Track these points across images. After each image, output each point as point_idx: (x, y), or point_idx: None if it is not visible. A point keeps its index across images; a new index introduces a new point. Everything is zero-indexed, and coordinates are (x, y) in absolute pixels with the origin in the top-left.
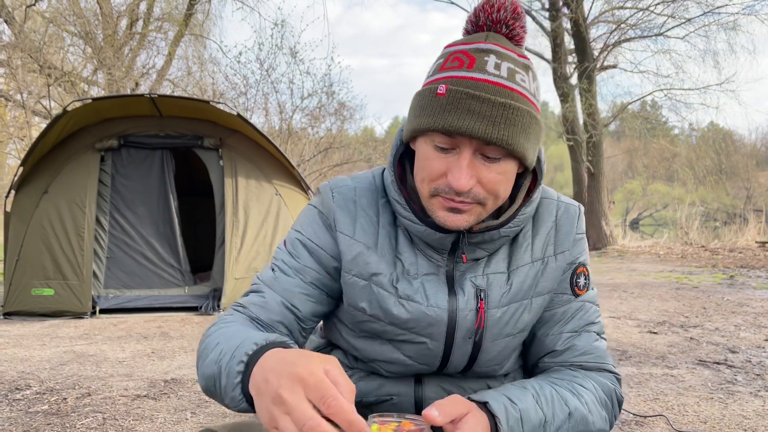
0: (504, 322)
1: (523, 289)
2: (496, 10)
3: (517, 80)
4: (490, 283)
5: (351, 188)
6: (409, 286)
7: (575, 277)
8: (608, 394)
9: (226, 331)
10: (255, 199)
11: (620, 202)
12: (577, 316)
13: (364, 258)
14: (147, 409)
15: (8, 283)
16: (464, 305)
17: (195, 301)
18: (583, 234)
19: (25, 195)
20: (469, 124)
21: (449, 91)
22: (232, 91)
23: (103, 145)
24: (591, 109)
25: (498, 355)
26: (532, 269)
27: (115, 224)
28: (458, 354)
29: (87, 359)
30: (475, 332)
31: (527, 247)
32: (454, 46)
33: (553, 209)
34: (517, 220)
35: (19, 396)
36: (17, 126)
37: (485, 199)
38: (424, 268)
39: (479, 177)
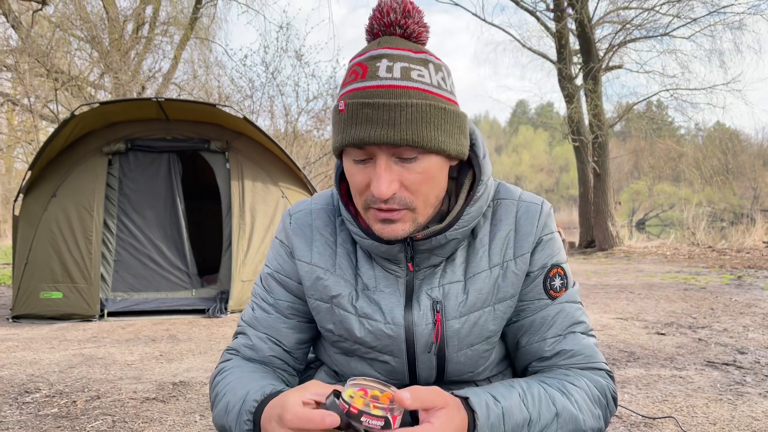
0: (466, 332)
1: (482, 297)
2: (386, 14)
3: (412, 77)
4: (446, 293)
5: (307, 212)
6: (367, 304)
7: (548, 281)
8: (601, 391)
9: (230, 381)
10: (261, 202)
11: (626, 202)
12: (558, 320)
13: (322, 282)
14: (156, 412)
15: (17, 287)
16: (420, 319)
17: (202, 303)
18: (552, 233)
19: (33, 199)
20: (369, 132)
21: (347, 105)
22: (238, 94)
23: (111, 148)
24: (596, 109)
25: (467, 364)
26: (490, 276)
27: (123, 227)
28: (423, 368)
29: (96, 362)
30: (434, 345)
31: (484, 253)
32: (354, 58)
33: (513, 210)
34: (463, 221)
35: (28, 399)
36: (24, 130)
37: (412, 201)
38: (382, 281)
39: (401, 180)
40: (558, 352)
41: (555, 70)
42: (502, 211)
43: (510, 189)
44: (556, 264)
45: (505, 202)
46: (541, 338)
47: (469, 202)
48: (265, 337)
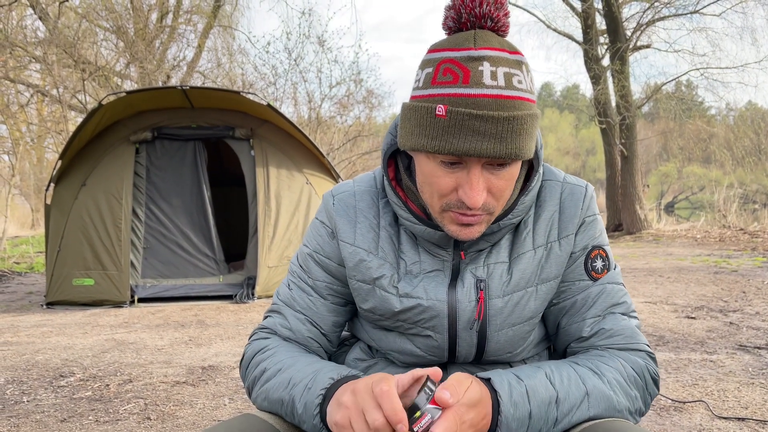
0: (508, 312)
1: (526, 277)
2: (479, 4)
3: (514, 84)
4: (490, 273)
5: (350, 193)
6: (409, 285)
7: (590, 262)
8: (639, 372)
9: (283, 359)
10: (286, 188)
11: (655, 185)
12: (599, 300)
13: (365, 264)
14: (186, 395)
15: (50, 274)
16: (463, 297)
17: (230, 289)
18: (595, 215)
19: (64, 188)
20: (476, 145)
21: (449, 112)
22: (261, 82)
23: (138, 137)
24: (624, 90)
25: (507, 344)
26: (534, 256)
27: (151, 215)
28: (464, 345)
29: (127, 347)
30: (476, 323)
31: (528, 234)
32: (441, 51)
33: (557, 192)
34: (517, 211)
35: (63, 383)
36: (54, 120)
37: (495, 207)
38: (427, 266)
39: (489, 187)
40: (596, 332)
41: (581, 51)
42: (547, 192)
43: (554, 171)
44: (598, 246)
45: (550, 184)
46: (581, 318)
47: (524, 191)
48: (303, 318)
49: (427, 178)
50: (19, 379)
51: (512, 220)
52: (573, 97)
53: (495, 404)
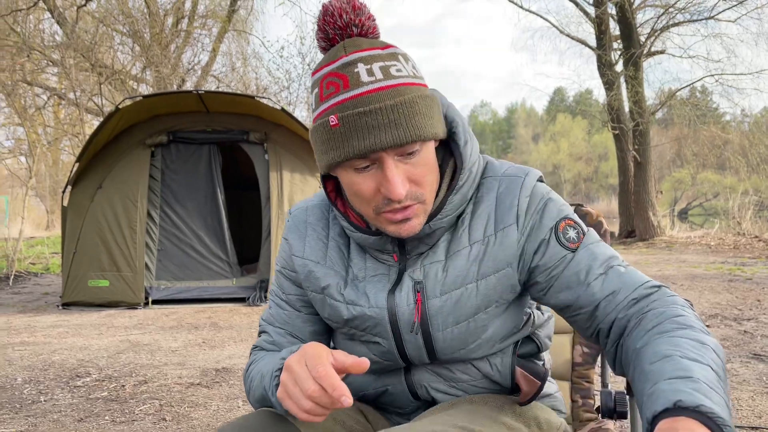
0: (448, 310)
1: (462, 274)
2: (339, 17)
3: (393, 74)
4: (426, 273)
5: (303, 209)
6: (353, 291)
7: (561, 236)
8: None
9: (259, 364)
10: (299, 192)
11: (668, 191)
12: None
13: (314, 274)
14: (201, 397)
15: (66, 275)
16: (402, 301)
17: (243, 292)
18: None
19: (80, 190)
20: (373, 140)
21: (341, 119)
22: (275, 86)
23: (153, 141)
24: (637, 96)
25: (456, 342)
26: (471, 252)
27: (166, 218)
28: (411, 348)
29: (142, 348)
30: (415, 325)
31: (464, 231)
32: (320, 70)
33: (495, 186)
34: (447, 210)
35: (79, 383)
36: (71, 123)
37: (422, 194)
38: (372, 271)
39: (409, 176)
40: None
41: (594, 56)
42: (485, 188)
43: (495, 166)
44: (562, 218)
45: (488, 180)
46: (585, 288)
47: (452, 190)
48: (283, 332)
49: (350, 189)
50: (36, 379)
51: (443, 220)
52: (586, 103)
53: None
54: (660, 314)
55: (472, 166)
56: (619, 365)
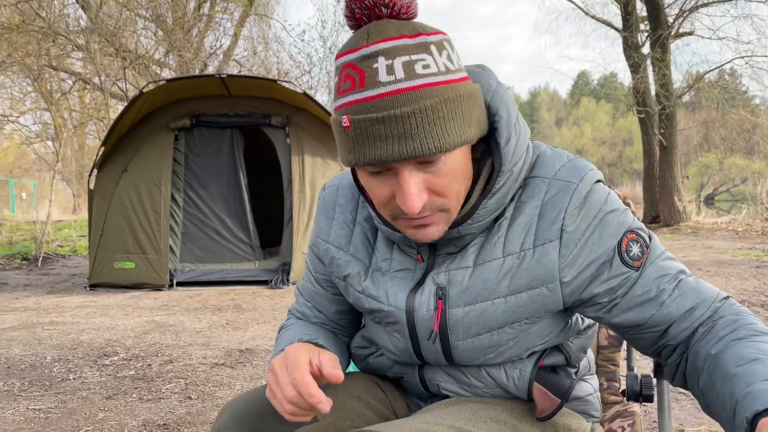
0: (470, 322)
1: (490, 287)
2: None
3: (417, 72)
4: (451, 279)
5: (335, 188)
6: (373, 285)
7: (625, 255)
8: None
9: (284, 334)
10: (321, 176)
11: (694, 176)
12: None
13: (337, 261)
14: (225, 377)
15: (93, 257)
16: (420, 305)
17: (265, 275)
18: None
19: (106, 173)
20: (385, 151)
21: (353, 122)
22: (296, 70)
23: (177, 124)
24: (664, 79)
25: (476, 352)
26: (503, 265)
27: (189, 201)
28: (428, 353)
29: (167, 329)
30: (433, 333)
31: (500, 239)
32: (342, 56)
33: (541, 191)
34: (479, 216)
35: (107, 362)
36: (96, 108)
37: (444, 204)
38: (397, 264)
39: (429, 187)
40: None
41: (620, 38)
42: (530, 191)
43: (546, 163)
44: (624, 234)
45: (535, 182)
46: (659, 303)
47: (487, 194)
48: (309, 306)
49: (369, 191)
50: (66, 358)
51: (474, 225)
52: (610, 86)
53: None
54: (733, 321)
55: (514, 166)
56: (681, 375)
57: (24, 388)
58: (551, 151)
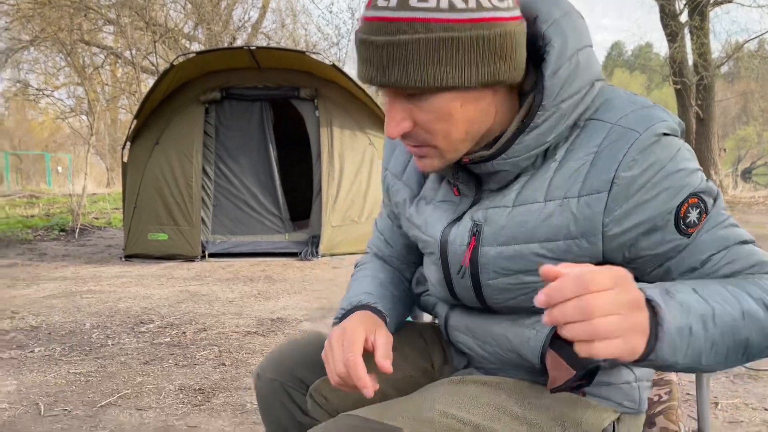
0: (503, 263)
1: (526, 231)
2: None
3: (410, 4)
4: (488, 217)
5: None
6: (416, 212)
7: (681, 221)
8: None
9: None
10: (350, 149)
11: (731, 150)
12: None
13: (392, 188)
14: (257, 344)
15: (127, 229)
16: (454, 238)
17: (295, 247)
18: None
19: (139, 146)
20: (367, 72)
21: (355, 37)
22: (325, 42)
23: (207, 97)
24: (702, 48)
25: (506, 292)
26: (542, 210)
27: (220, 173)
28: (460, 288)
29: (200, 298)
30: (463, 269)
31: (544, 182)
32: None
33: (600, 136)
34: (514, 151)
35: (143, 329)
36: (127, 82)
37: (430, 140)
38: (442, 196)
39: (414, 118)
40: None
41: (657, 6)
42: (587, 135)
43: (614, 107)
44: (686, 198)
45: (595, 125)
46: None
47: (525, 129)
48: (382, 238)
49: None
50: (104, 325)
51: (509, 161)
52: (645, 57)
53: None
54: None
55: (562, 102)
56: None
57: (65, 353)
58: (626, 96)
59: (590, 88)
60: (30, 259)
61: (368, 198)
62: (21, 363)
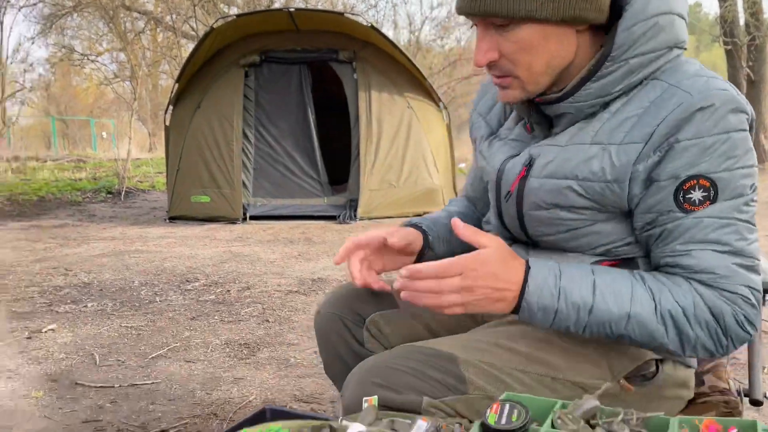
0: (543, 195)
1: (568, 168)
2: None
3: None
4: (541, 153)
5: None
6: (488, 148)
7: (682, 193)
8: (717, 315)
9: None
10: (388, 113)
11: None
12: (688, 234)
13: (476, 124)
14: (299, 303)
15: (171, 191)
16: (510, 169)
17: (333, 210)
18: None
19: (181, 110)
20: (460, 2)
21: None
22: (362, 4)
23: (246, 61)
24: (755, 7)
25: (543, 225)
26: (585, 151)
27: (260, 137)
28: (507, 218)
29: (243, 259)
30: (509, 195)
31: (599, 126)
32: None
33: (655, 93)
34: (580, 96)
35: (189, 287)
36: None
37: (513, 70)
38: (515, 135)
39: (500, 48)
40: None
41: None
42: (645, 92)
43: (679, 72)
44: (698, 175)
45: (655, 84)
46: (662, 251)
47: (592, 77)
48: (470, 181)
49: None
50: (151, 282)
51: (574, 104)
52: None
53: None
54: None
55: (632, 58)
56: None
57: (116, 308)
58: (699, 67)
59: (667, 52)
60: (80, 219)
61: (406, 162)
62: (76, 317)
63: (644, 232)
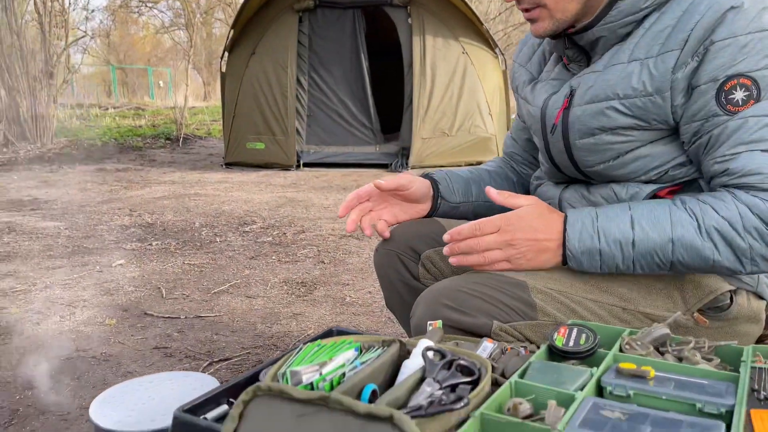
0: (586, 120)
1: (609, 89)
2: None
3: None
4: (580, 82)
5: None
6: (530, 91)
7: (724, 94)
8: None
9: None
10: (442, 59)
11: None
12: (735, 136)
13: (517, 76)
14: (353, 246)
15: (227, 138)
16: (553, 104)
17: (385, 158)
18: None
19: (236, 56)
20: None
21: None
22: None
23: (301, 6)
24: None
25: (591, 153)
26: (625, 69)
27: (313, 84)
28: (555, 152)
29: (297, 204)
30: (554, 127)
31: (632, 45)
32: None
33: (687, 3)
34: (611, 16)
35: (247, 229)
36: None
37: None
38: (555, 75)
39: None
40: (723, 171)
41: None
42: (678, 3)
43: None
44: (737, 74)
45: None
46: (711, 158)
47: None
48: (511, 136)
49: None
50: (211, 224)
51: (606, 26)
52: None
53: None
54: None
55: None
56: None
57: (179, 247)
58: None
59: None
60: (141, 164)
61: (459, 110)
62: (142, 254)
63: (692, 145)
